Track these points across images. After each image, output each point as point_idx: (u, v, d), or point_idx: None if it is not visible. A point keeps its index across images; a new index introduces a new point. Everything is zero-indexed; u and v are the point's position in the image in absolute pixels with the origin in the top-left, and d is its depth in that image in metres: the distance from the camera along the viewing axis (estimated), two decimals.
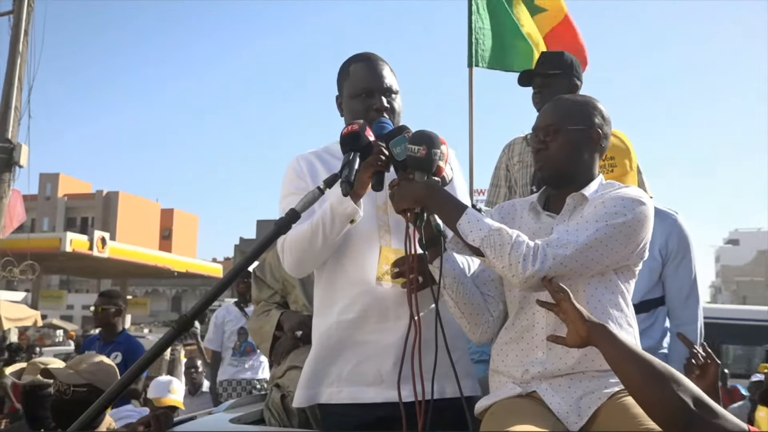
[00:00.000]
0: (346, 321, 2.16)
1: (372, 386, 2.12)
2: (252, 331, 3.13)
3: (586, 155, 2.07)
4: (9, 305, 14.87)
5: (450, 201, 1.98)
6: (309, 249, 2.11)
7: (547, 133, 2.06)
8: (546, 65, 3.28)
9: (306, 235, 2.08)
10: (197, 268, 33.75)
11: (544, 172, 2.09)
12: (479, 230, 1.89)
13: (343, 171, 1.95)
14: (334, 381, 2.16)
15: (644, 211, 1.95)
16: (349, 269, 2.18)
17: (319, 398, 2.18)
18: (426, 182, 1.97)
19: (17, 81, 9.44)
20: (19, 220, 10.39)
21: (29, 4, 9.65)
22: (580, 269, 1.89)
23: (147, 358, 1.72)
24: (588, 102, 2.12)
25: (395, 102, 2.25)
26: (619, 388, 1.87)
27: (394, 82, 2.27)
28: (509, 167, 3.51)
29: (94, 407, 1.65)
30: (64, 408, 3.01)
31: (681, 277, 2.87)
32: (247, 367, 6.01)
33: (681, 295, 2.87)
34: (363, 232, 2.15)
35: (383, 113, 2.20)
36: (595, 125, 2.07)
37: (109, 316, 4.92)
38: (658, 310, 2.89)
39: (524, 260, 1.85)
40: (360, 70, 2.26)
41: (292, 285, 2.97)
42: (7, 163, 9.26)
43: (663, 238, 2.82)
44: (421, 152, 1.95)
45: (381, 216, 2.19)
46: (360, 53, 2.33)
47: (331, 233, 2.07)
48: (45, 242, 23.92)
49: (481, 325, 2.08)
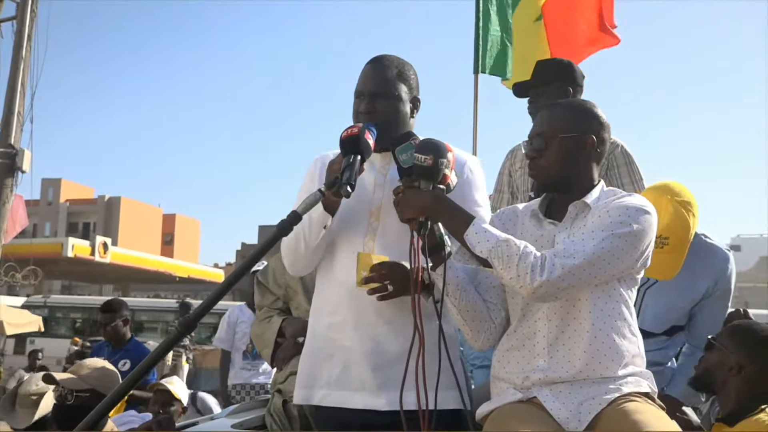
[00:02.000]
0: (335, 324, 2.19)
1: (357, 392, 2.14)
2: (254, 336, 3.13)
3: (582, 162, 2.07)
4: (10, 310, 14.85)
5: (457, 212, 1.98)
6: (296, 252, 2.21)
7: (540, 142, 2.06)
8: (536, 75, 3.31)
9: (292, 239, 2.17)
10: (199, 273, 33.76)
11: (538, 180, 2.11)
12: (487, 241, 1.90)
13: (344, 174, 1.96)
14: (325, 384, 2.19)
15: (648, 219, 1.96)
16: (336, 271, 2.21)
17: (312, 399, 2.22)
18: (432, 192, 1.96)
19: (20, 86, 9.47)
20: (21, 225, 10.41)
21: (32, 10, 9.68)
22: (588, 279, 1.89)
23: (151, 359, 1.73)
24: (583, 107, 2.12)
25: (382, 106, 2.19)
26: (620, 394, 1.88)
27: (389, 87, 2.21)
28: (512, 173, 3.52)
29: (97, 409, 1.65)
30: (67, 413, 3.01)
31: (716, 314, 2.83)
32: (261, 371, 5.93)
33: (712, 327, 2.80)
34: (350, 236, 2.19)
35: (366, 116, 2.18)
36: (590, 131, 2.06)
37: (118, 329, 4.91)
38: (680, 333, 2.87)
39: (532, 271, 1.85)
40: (363, 71, 2.27)
41: (294, 291, 2.97)
42: (9, 169, 9.26)
43: (714, 276, 2.74)
44: (428, 162, 1.95)
45: (372, 222, 2.19)
46: (376, 56, 2.31)
47: (310, 237, 2.15)
48: (47, 247, 23.99)
49: (483, 332, 2.09)
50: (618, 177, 3.11)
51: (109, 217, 50.33)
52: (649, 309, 2.73)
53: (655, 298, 2.73)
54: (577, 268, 1.86)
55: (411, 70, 2.28)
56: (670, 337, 2.83)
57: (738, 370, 2.30)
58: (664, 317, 2.77)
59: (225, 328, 6.05)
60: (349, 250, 2.18)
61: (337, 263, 2.21)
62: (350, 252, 2.16)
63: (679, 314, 2.79)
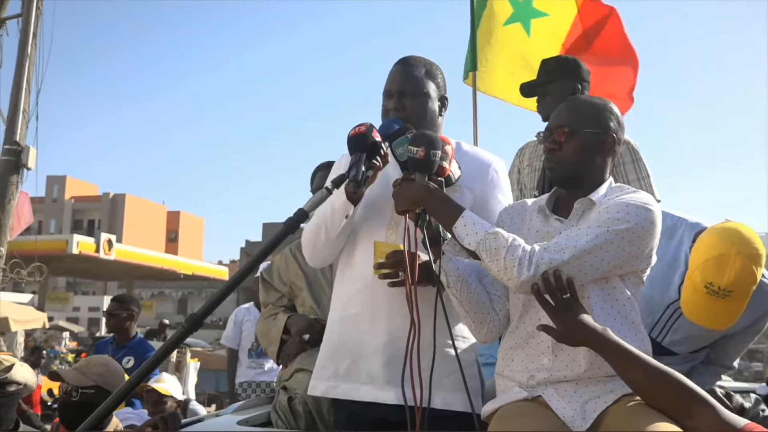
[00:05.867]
0: (348, 317, 2.22)
1: (365, 385, 2.16)
2: (259, 334, 3.13)
3: (599, 160, 2.06)
4: (16, 307, 14.90)
5: (447, 204, 1.97)
6: (316, 243, 2.24)
7: (562, 134, 2.05)
8: (541, 74, 3.30)
9: (313, 230, 2.21)
10: (203, 270, 33.86)
11: (556, 173, 2.07)
12: (475, 233, 1.90)
13: (350, 171, 2.00)
14: (332, 376, 2.21)
15: (649, 217, 1.93)
16: (356, 264, 2.23)
17: (316, 390, 2.26)
18: (423, 184, 1.97)
19: (25, 84, 9.48)
20: (26, 222, 10.44)
21: (38, 7, 9.69)
22: (577, 274, 1.88)
23: (156, 357, 1.73)
24: (605, 106, 2.10)
25: (411, 103, 2.25)
26: (625, 392, 1.87)
27: (419, 85, 2.27)
28: (520, 170, 3.52)
29: (103, 407, 1.65)
30: (72, 409, 3.02)
31: (744, 343, 2.79)
32: (266, 369, 6.00)
33: (736, 353, 2.80)
34: (373, 229, 2.21)
35: (395, 113, 2.23)
36: (611, 130, 2.06)
37: (121, 321, 4.92)
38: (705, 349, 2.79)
39: (519, 264, 1.85)
40: (391, 71, 2.32)
41: (299, 288, 2.97)
42: (15, 166, 9.29)
43: (757, 314, 2.58)
44: (420, 153, 1.97)
45: (394, 216, 2.19)
46: (404, 56, 2.36)
47: (332, 228, 2.17)
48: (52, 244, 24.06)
49: (486, 324, 2.08)
50: (624, 173, 3.10)
51: (114, 215, 50.49)
52: (681, 330, 2.60)
53: (692, 324, 2.46)
54: (565, 264, 1.85)
55: (438, 69, 2.35)
56: (693, 353, 2.75)
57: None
58: (697, 341, 2.69)
59: (232, 326, 6.13)
60: (369, 242, 2.18)
61: (357, 256, 2.23)
62: (371, 244, 2.17)
63: (713, 339, 2.72)
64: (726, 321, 2.31)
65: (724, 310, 2.25)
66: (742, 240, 2.21)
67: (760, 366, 23.38)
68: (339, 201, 2.11)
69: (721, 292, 2.18)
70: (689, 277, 2.29)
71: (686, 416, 1.70)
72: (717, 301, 2.20)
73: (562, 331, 1.83)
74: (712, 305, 2.22)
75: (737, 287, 2.19)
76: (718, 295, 2.19)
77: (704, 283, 2.20)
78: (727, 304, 2.22)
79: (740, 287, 2.19)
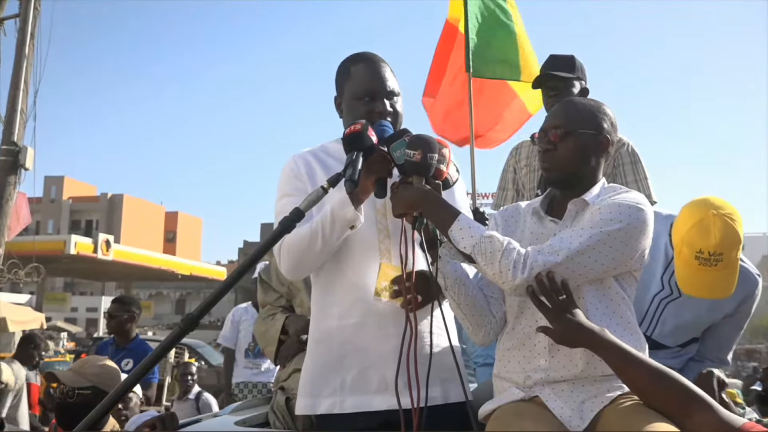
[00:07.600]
0: (347, 326, 2.13)
1: (378, 394, 2.09)
2: (257, 334, 3.13)
3: (593, 160, 2.07)
4: (14, 307, 14.90)
5: (443, 207, 1.97)
6: (308, 252, 2.08)
7: (557, 135, 2.05)
8: (560, 68, 3.28)
9: (305, 238, 2.06)
10: (201, 271, 33.86)
11: (550, 174, 2.08)
12: (470, 237, 1.90)
13: (346, 170, 1.94)
14: (337, 390, 2.12)
15: (641, 217, 1.94)
16: (348, 273, 2.16)
17: (318, 408, 2.14)
18: (420, 187, 1.96)
19: (23, 84, 9.48)
20: (24, 223, 10.43)
21: (35, 8, 9.69)
22: (572, 276, 1.88)
23: (152, 358, 1.72)
24: (599, 107, 2.11)
25: (397, 105, 2.22)
26: (622, 392, 1.88)
27: (396, 85, 2.23)
28: (516, 170, 3.52)
29: (100, 407, 1.65)
30: (69, 410, 3.01)
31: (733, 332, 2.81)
32: (263, 369, 6.01)
33: (726, 345, 2.81)
34: (362, 236, 2.13)
35: (386, 117, 2.17)
36: (604, 131, 2.07)
37: (122, 323, 4.92)
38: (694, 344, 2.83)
39: (514, 267, 1.85)
40: (362, 71, 2.22)
41: (297, 288, 2.97)
42: (12, 166, 9.29)
43: (739, 298, 2.66)
44: (416, 157, 1.95)
45: (380, 220, 2.18)
46: (360, 53, 2.28)
47: (331, 238, 2.05)
48: (50, 245, 24.04)
49: (484, 326, 2.08)
50: (623, 175, 3.11)
51: (112, 215, 50.48)
52: (669, 322, 2.67)
53: (678, 313, 2.65)
54: (559, 266, 1.86)
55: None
56: (683, 347, 2.78)
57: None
58: (685, 331, 2.72)
59: (229, 326, 6.13)
60: (364, 250, 2.14)
61: (347, 264, 2.16)
62: (365, 253, 2.14)
63: (701, 329, 2.75)
64: (724, 288, 2.38)
65: (719, 277, 2.32)
66: (715, 203, 2.31)
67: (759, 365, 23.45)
68: (342, 211, 2.02)
69: (712, 258, 2.25)
70: (678, 254, 2.36)
71: (684, 415, 1.70)
72: (710, 270, 2.27)
73: (561, 333, 1.83)
74: (705, 275, 2.25)
75: (725, 248, 2.26)
76: (709, 263, 2.26)
77: (694, 254, 2.26)
78: (721, 272, 2.30)
79: (727, 248, 2.27)
